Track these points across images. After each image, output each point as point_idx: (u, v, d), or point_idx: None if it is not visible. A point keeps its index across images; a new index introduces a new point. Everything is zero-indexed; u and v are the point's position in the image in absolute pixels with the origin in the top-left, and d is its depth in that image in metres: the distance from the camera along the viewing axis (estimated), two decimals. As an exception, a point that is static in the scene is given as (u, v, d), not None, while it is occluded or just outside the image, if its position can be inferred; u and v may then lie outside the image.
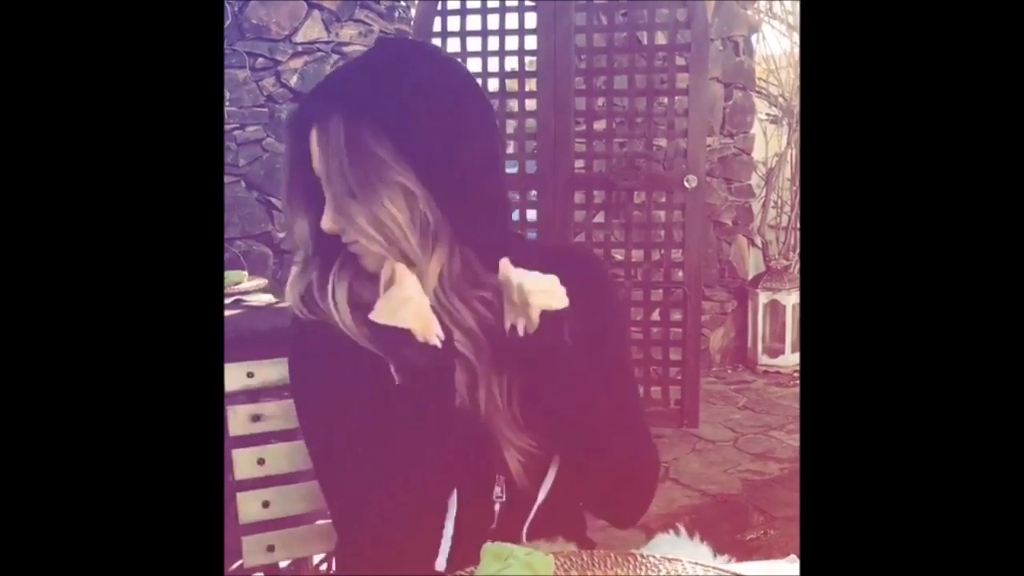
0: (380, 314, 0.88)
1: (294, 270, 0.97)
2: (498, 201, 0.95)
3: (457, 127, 0.89)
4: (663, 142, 3.60)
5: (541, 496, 0.96)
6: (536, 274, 0.89)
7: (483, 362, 0.94)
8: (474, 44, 3.33)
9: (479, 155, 0.91)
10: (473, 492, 0.94)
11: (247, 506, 1.11)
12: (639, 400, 1.05)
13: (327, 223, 0.91)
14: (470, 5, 3.31)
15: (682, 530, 1.07)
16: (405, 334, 0.87)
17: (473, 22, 3.32)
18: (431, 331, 0.88)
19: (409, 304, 0.87)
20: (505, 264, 0.89)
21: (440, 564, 0.91)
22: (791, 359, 4.24)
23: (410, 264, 0.90)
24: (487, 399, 0.94)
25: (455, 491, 0.92)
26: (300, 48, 3.44)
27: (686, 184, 3.27)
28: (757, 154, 4.45)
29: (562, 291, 0.89)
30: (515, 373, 0.94)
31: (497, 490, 0.96)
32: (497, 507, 0.96)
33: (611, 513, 1.03)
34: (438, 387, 0.89)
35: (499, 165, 0.96)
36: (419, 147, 0.87)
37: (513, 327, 0.90)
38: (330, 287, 0.94)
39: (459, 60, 0.98)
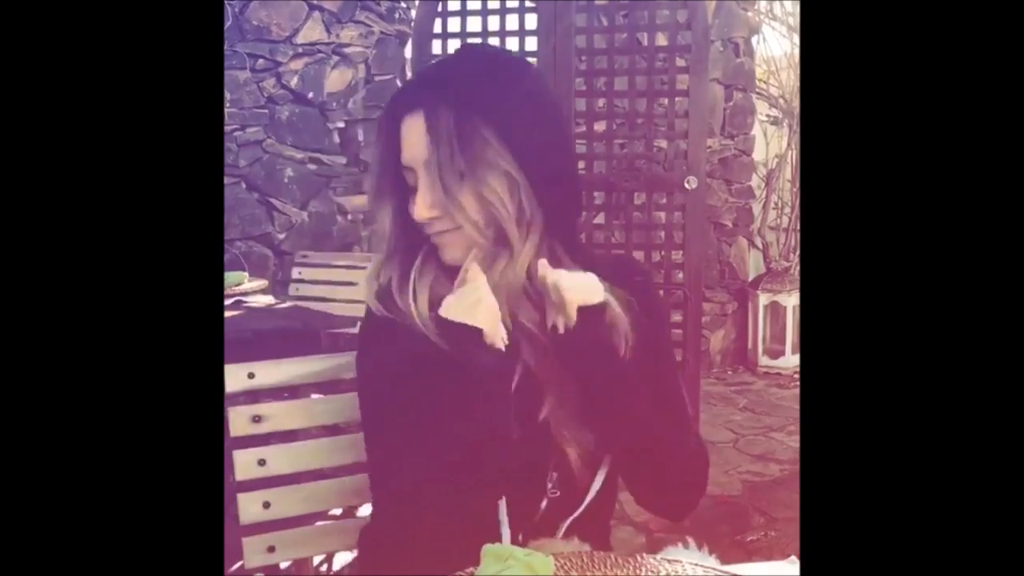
0: (453, 311, 0.89)
1: (372, 265, 1.00)
2: (578, 201, 1.00)
3: (546, 125, 0.94)
4: (663, 143, 3.61)
5: (591, 496, 0.98)
6: (573, 272, 0.93)
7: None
8: (474, 45, 3.32)
9: (563, 153, 0.97)
10: (521, 488, 0.96)
11: (248, 507, 1.11)
12: (686, 403, 1.07)
13: (423, 211, 0.93)
14: (470, 6, 3.31)
15: (691, 543, 1.07)
16: (477, 334, 0.88)
17: (474, 23, 3.32)
18: (499, 334, 0.90)
19: (482, 304, 0.89)
20: (543, 264, 0.92)
21: None
22: (791, 360, 4.24)
23: (506, 247, 0.93)
24: (552, 396, 0.96)
25: (504, 504, 0.94)
26: (301, 49, 3.45)
27: (686, 185, 3.27)
28: (757, 155, 4.46)
29: (598, 286, 0.92)
30: (561, 370, 0.95)
31: (549, 485, 0.97)
32: (544, 503, 0.97)
33: (665, 504, 1.05)
34: (498, 390, 0.91)
35: (576, 166, 1.02)
36: (519, 136, 0.92)
37: (554, 326, 0.92)
38: (411, 285, 0.96)
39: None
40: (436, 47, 3.28)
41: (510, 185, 0.92)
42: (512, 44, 3.32)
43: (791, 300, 4.20)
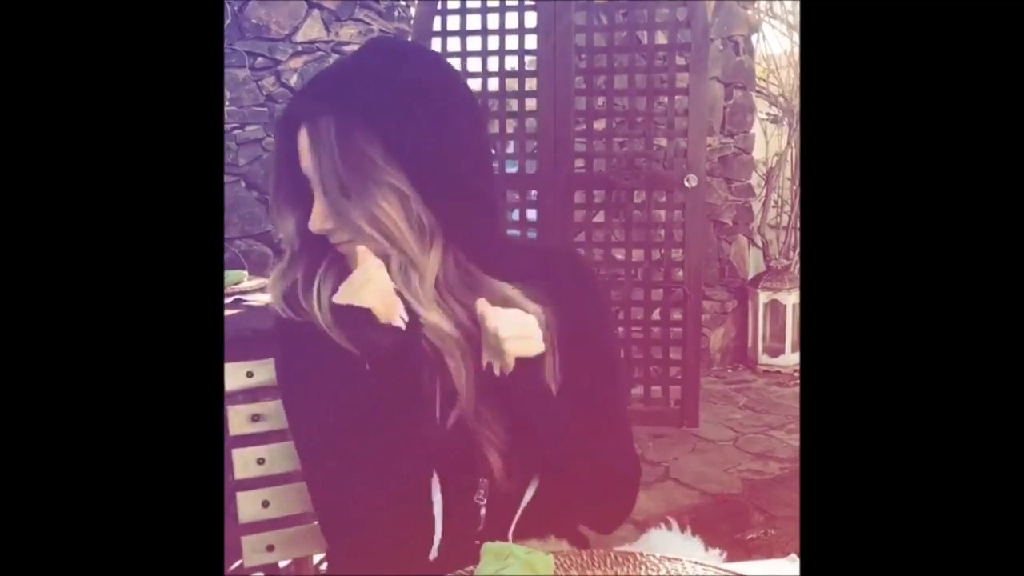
0: (342, 295, 0.87)
1: (278, 267, 0.97)
2: (488, 203, 0.94)
3: (445, 128, 0.89)
4: (663, 141, 3.61)
5: (526, 498, 0.95)
6: (513, 315, 0.89)
7: (472, 362, 0.93)
8: (474, 43, 3.33)
9: (468, 156, 0.90)
10: (458, 493, 0.94)
11: (247, 506, 1.11)
12: (626, 407, 1.05)
13: (316, 223, 0.90)
14: (470, 4, 3.31)
15: (674, 525, 1.08)
16: (366, 314, 0.86)
17: (473, 21, 3.32)
18: (394, 312, 0.87)
19: (370, 284, 0.86)
20: (482, 304, 0.89)
21: (432, 553, 0.91)
22: (791, 359, 4.24)
23: (412, 263, 0.89)
24: (470, 401, 0.93)
25: (437, 482, 0.91)
26: (300, 48, 3.44)
27: (686, 183, 3.27)
28: (757, 153, 4.45)
29: (539, 335, 0.89)
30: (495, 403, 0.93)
31: (480, 492, 0.95)
32: (483, 511, 0.95)
33: (590, 521, 1.03)
34: (403, 368, 0.89)
35: (489, 166, 0.95)
36: (409, 148, 0.87)
37: (490, 365, 0.90)
38: (315, 289, 0.93)
39: (447, 60, 0.98)
40: (436, 45, 3.28)
41: (401, 200, 0.87)
42: (512, 42, 3.32)
43: (791, 298, 4.19)
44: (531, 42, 3.30)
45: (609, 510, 1.01)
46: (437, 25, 3.29)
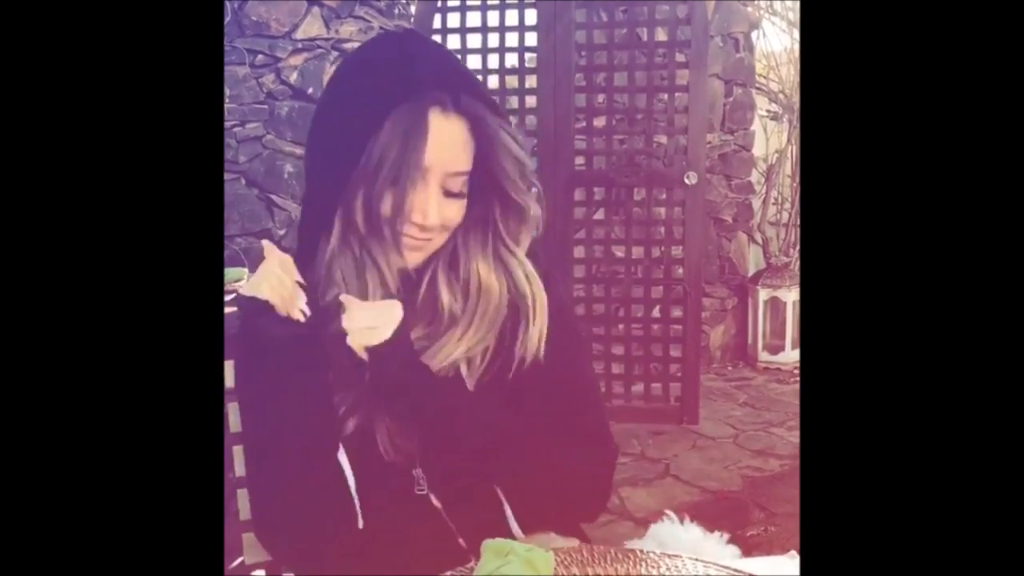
0: (247, 287, 0.90)
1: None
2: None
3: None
4: (663, 139, 3.60)
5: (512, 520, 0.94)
6: (365, 308, 0.90)
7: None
8: (474, 41, 3.33)
9: None
10: (394, 492, 0.95)
11: (247, 503, 1.11)
12: (598, 399, 1.07)
13: (434, 217, 0.91)
14: (470, 2, 3.31)
15: (673, 516, 1.08)
16: (263, 304, 0.88)
17: (473, 19, 3.32)
18: (293, 306, 0.89)
19: (271, 278, 0.88)
20: (345, 298, 0.90)
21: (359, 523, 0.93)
22: (791, 356, 4.24)
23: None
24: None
25: (342, 451, 0.92)
26: (300, 45, 3.44)
27: (686, 181, 3.27)
28: (757, 151, 4.45)
29: (386, 324, 0.89)
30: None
31: (419, 482, 0.95)
32: (437, 502, 0.95)
33: (555, 523, 0.99)
34: (302, 358, 0.90)
35: None
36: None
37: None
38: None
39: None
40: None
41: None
42: (512, 39, 3.32)
43: (791, 295, 4.20)
44: (531, 39, 3.30)
45: (566, 510, 0.99)
46: (437, 22, 3.28)
